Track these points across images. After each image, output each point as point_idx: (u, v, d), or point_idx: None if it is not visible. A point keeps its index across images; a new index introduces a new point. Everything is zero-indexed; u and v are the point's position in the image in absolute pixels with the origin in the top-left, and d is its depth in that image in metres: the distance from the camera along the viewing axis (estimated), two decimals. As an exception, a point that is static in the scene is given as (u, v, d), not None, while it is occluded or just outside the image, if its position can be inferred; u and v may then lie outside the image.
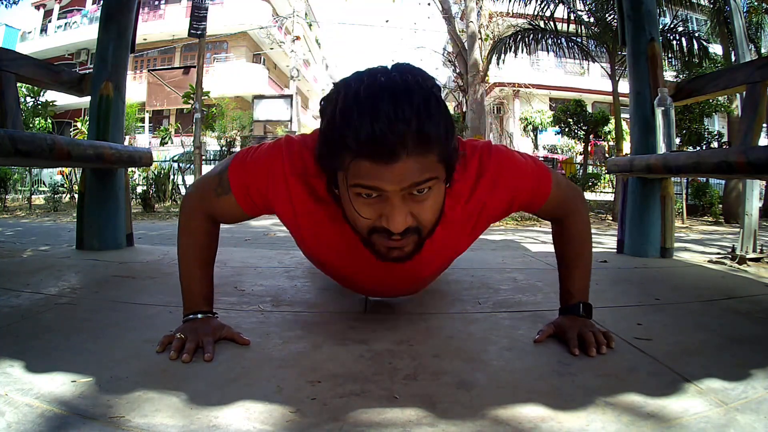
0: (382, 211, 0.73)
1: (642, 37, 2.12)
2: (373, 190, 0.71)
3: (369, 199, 0.72)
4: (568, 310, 0.98)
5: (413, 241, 0.77)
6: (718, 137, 7.87)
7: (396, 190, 0.70)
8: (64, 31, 19.01)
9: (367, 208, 0.73)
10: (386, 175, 0.68)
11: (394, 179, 0.69)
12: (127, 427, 0.61)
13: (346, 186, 0.72)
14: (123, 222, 2.12)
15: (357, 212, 0.74)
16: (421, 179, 0.70)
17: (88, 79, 2.14)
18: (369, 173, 0.69)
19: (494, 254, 2.22)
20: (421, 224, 0.76)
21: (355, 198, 0.73)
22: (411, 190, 0.71)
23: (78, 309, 1.14)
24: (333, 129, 0.70)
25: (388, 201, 0.71)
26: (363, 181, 0.70)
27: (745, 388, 0.74)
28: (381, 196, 0.71)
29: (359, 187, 0.71)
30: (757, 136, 1.77)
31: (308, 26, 21.88)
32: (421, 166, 0.69)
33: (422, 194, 0.72)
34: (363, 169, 0.69)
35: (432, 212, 0.76)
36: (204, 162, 8.68)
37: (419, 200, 0.73)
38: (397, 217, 0.72)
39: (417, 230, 0.76)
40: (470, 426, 0.63)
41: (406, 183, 0.69)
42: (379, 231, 0.75)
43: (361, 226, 0.76)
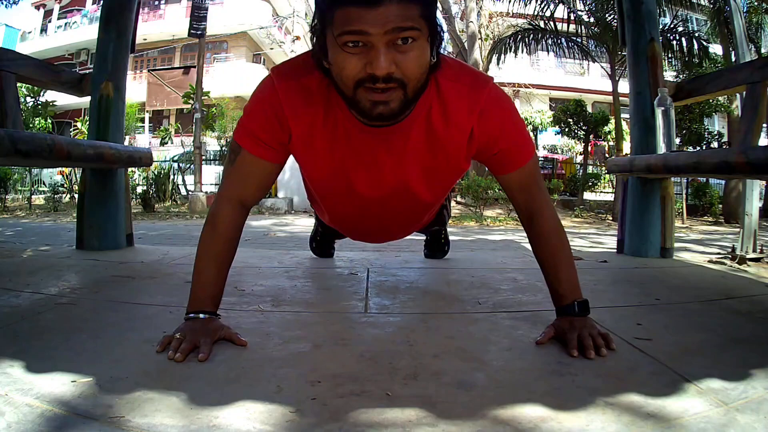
0: (366, 60, 0.76)
1: (642, 37, 2.12)
2: (358, 35, 0.74)
3: (355, 48, 0.76)
4: (563, 311, 0.97)
5: (398, 97, 0.79)
6: (718, 137, 7.88)
7: (380, 33, 0.73)
8: (64, 31, 19.00)
9: (354, 58, 0.76)
10: (370, 18, 0.73)
11: (378, 21, 0.73)
12: (127, 427, 0.61)
13: (334, 40, 0.77)
14: (123, 222, 2.12)
15: (343, 67, 0.77)
16: (404, 25, 0.74)
17: (88, 79, 2.14)
18: (354, 17, 0.73)
19: (494, 254, 2.22)
20: (405, 76, 0.78)
21: (342, 51, 0.77)
22: (394, 38, 0.75)
23: (78, 309, 1.14)
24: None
25: (373, 48, 0.75)
26: (348, 26, 0.74)
27: (745, 388, 0.74)
28: (366, 45, 0.75)
29: (345, 34, 0.75)
30: (757, 136, 1.77)
31: (308, 26, 21.87)
32: (403, 12, 0.74)
33: (406, 44, 0.76)
34: (348, 14, 0.74)
35: (416, 65, 0.78)
36: (204, 162, 8.68)
37: (403, 50, 0.76)
38: (381, 59, 0.75)
39: (401, 83, 0.78)
40: (470, 426, 0.63)
41: (389, 26, 0.73)
42: (364, 81, 0.77)
43: (347, 78, 0.78)
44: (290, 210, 7.98)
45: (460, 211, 7.69)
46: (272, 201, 7.97)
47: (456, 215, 7.12)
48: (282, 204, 7.93)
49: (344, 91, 0.82)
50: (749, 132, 1.75)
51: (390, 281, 1.50)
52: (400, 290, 1.38)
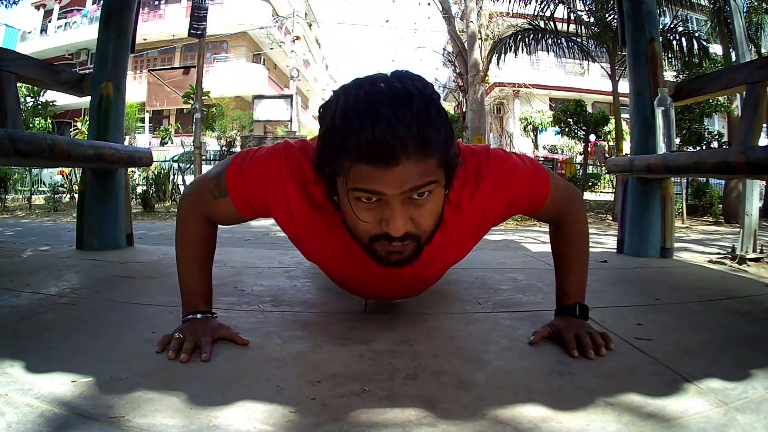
0: (382, 216, 0.73)
1: (642, 37, 2.12)
2: (373, 194, 0.71)
3: (369, 203, 0.72)
4: (563, 310, 0.98)
5: (412, 247, 0.77)
6: (718, 137, 7.88)
7: (396, 194, 0.70)
8: (64, 31, 19.00)
9: (367, 212, 0.73)
10: (386, 179, 0.69)
11: (395, 183, 0.69)
12: (127, 427, 0.61)
13: (345, 191, 0.73)
14: (123, 222, 2.12)
15: (357, 217, 0.74)
16: (422, 183, 0.70)
17: (88, 79, 2.14)
18: (369, 177, 0.69)
19: (494, 254, 2.22)
20: (420, 230, 0.76)
21: (354, 203, 0.73)
22: (411, 194, 0.71)
23: (78, 309, 1.14)
24: (333, 134, 0.70)
25: (388, 205, 0.71)
26: (363, 185, 0.70)
27: (745, 388, 0.74)
28: (381, 200, 0.71)
29: (359, 191, 0.71)
30: (757, 136, 1.77)
31: (308, 26, 21.88)
32: (421, 170, 0.70)
33: (422, 198, 0.72)
34: (363, 173, 0.69)
35: (431, 217, 0.76)
36: (204, 162, 8.68)
37: (419, 205, 0.73)
38: (398, 221, 0.71)
39: (415, 237, 0.76)
40: (470, 426, 0.63)
41: (407, 187, 0.70)
42: (379, 238, 0.75)
43: (361, 231, 0.76)
44: (290, 210, 7.95)
45: (460, 211, 7.66)
46: (272, 201, 7.94)
47: (456, 215, 7.09)
48: (282, 204, 7.90)
49: (356, 238, 0.79)
50: (749, 132, 1.75)
51: (390, 281, 1.49)
52: (400, 290, 1.38)
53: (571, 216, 1.02)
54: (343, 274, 1.03)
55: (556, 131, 10.13)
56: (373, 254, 0.79)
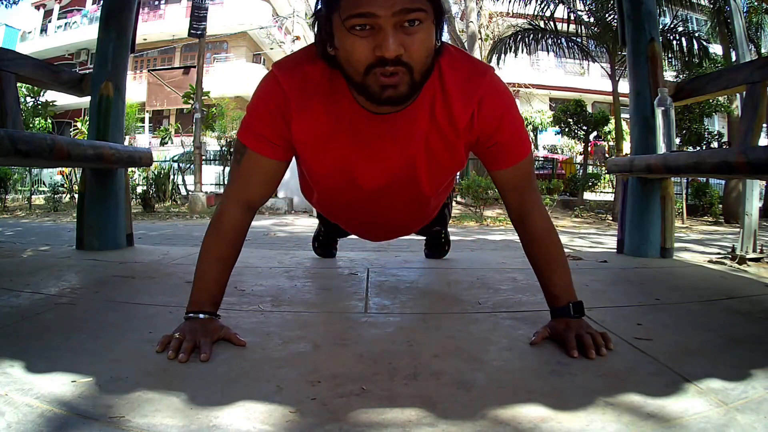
0: (375, 43, 0.77)
1: (642, 37, 2.12)
2: (366, 18, 0.75)
3: (363, 31, 0.77)
4: (558, 312, 0.97)
5: (406, 81, 0.80)
6: (718, 137, 7.88)
7: (387, 15, 0.75)
8: (64, 31, 19.00)
9: (362, 42, 0.77)
10: (377, 0, 0.74)
11: (385, 3, 0.74)
12: (127, 427, 0.61)
13: (341, 26, 0.77)
14: (123, 222, 2.12)
15: (352, 51, 0.78)
16: (412, 6, 0.75)
17: (88, 79, 2.14)
18: (361, 1, 0.74)
19: (494, 254, 2.22)
20: (412, 59, 0.79)
21: (350, 35, 0.77)
22: (402, 20, 0.76)
23: (78, 309, 1.14)
24: None
25: (381, 30, 0.76)
26: (355, 9, 0.75)
27: (745, 388, 0.74)
28: (374, 28, 0.76)
29: (353, 17, 0.76)
30: (757, 136, 1.77)
31: (308, 26, 21.88)
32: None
33: (413, 27, 0.77)
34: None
35: (422, 47, 0.79)
36: (204, 162, 8.68)
37: (410, 33, 0.77)
38: (390, 41, 0.75)
39: (408, 66, 0.79)
40: (470, 426, 0.63)
41: (397, 7, 0.75)
42: (373, 66, 0.78)
43: (356, 63, 0.79)
44: (290, 210, 7.98)
45: (460, 211, 7.69)
46: (272, 201, 7.97)
47: (456, 215, 7.12)
48: (282, 204, 7.93)
49: (352, 76, 0.82)
50: (749, 132, 1.75)
51: (390, 281, 1.50)
52: (400, 290, 1.38)
53: (535, 207, 1.01)
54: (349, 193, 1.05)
55: (556, 131, 10.14)
56: (368, 91, 0.81)
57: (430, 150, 0.98)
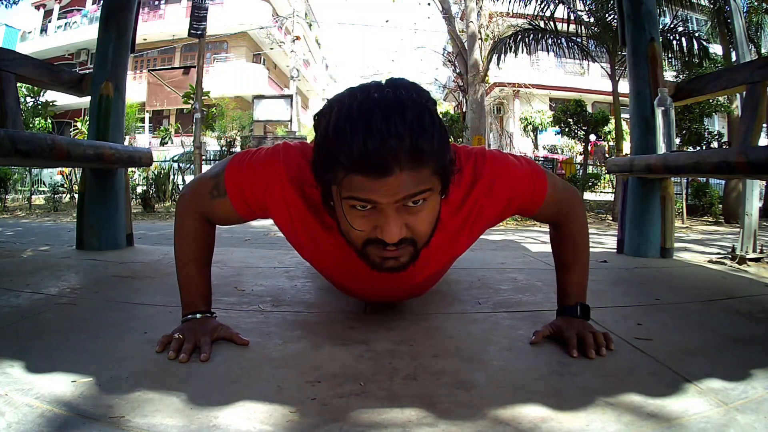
0: (376, 223, 0.73)
1: (642, 37, 2.12)
2: (366, 203, 0.71)
3: (363, 210, 0.72)
4: (565, 311, 0.98)
5: (408, 252, 0.77)
6: (718, 137, 7.88)
7: (390, 202, 0.70)
8: (64, 31, 19.00)
9: (361, 219, 0.73)
10: (379, 189, 0.69)
11: (388, 192, 0.69)
12: (127, 427, 0.61)
13: (339, 198, 0.73)
14: (123, 222, 2.12)
15: (351, 225, 0.74)
16: (415, 191, 0.70)
17: (88, 79, 2.14)
18: (362, 187, 0.69)
19: (494, 254, 2.22)
20: (416, 236, 0.75)
21: (349, 210, 0.73)
22: (405, 202, 0.71)
23: (78, 309, 1.14)
24: (326, 145, 0.70)
25: (383, 212, 0.71)
26: (356, 194, 0.70)
27: (745, 388, 0.74)
28: (375, 207, 0.71)
29: (353, 199, 0.71)
30: (757, 136, 1.77)
31: (308, 26, 21.88)
32: (415, 179, 0.69)
33: (417, 206, 0.72)
34: (356, 183, 0.69)
35: (427, 223, 0.76)
36: (204, 162, 8.67)
37: (414, 211, 0.73)
38: (392, 228, 0.71)
39: (412, 241, 0.76)
40: (470, 426, 0.63)
41: (400, 196, 0.70)
42: (373, 242, 0.75)
43: (355, 238, 0.76)
44: (290, 210, 7.95)
45: (460, 211, 7.67)
46: (272, 201, 7.95)
47: (456, 215, 7.10)
48: (282, 204, 7.90)
49: (351, 243, 0.79)
50: (749, 132, 1.75)
51: (390, 281, 1.49)
52: (400, 290, 1.38)
53: (570, 216, 1.01)
54: (340, 277, 1.03)
55: (556, 131, 10.13)
56: (367, 260, 0.78)
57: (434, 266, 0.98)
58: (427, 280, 1.07)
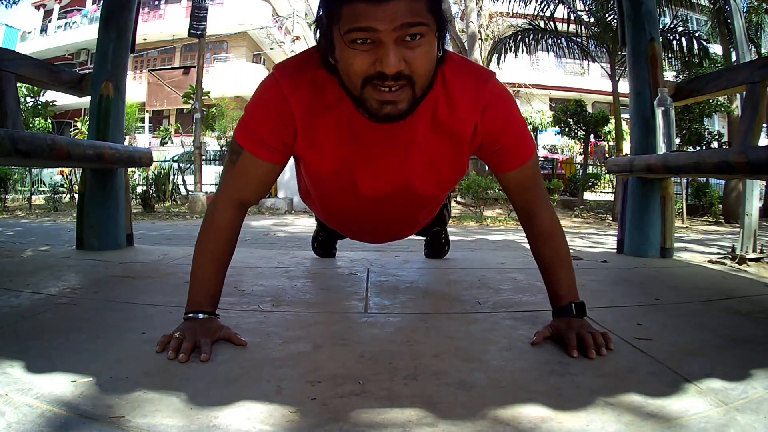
0: (375, 57, 0.75)
1: (642, 37, 2.12)
2: (366, 32, 0.73)
3: (363, 45, 0.75)
4: (560, 312, 0.97)
5: (407, 97, 0.78)
6: (718, 137, 7.88)
7: (388, 29, 0.72)
8: (64, 31, 18.99)
9: (362, 56, 0.75)
10: (378, 14, 0.71)
11: (386, 17, 0.72)
12: (127, 427, 0.61)
13: (341, 39, 0.75)
14: (123, 222, 2.12)
15: (351, 64, 0.76)
16: (413, 21, 0.73)
17: (88, 79, 2.14)
18: (361, 14, 0.72)
19: (494, 254, 2.22)
20: (414, 72, 0.77)
21: (349, 48, 0.75)
22: (403, 34, 0.73)
23: (78, 309, 1.14)
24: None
25: (382, 44, 0.74)
26: (356, 23, 0.73)
27: (745, 388, 0.74)
28: (374, 42, 0.74)
29: (353, 31, 0.73)
30: (757, 136, 1.77)
31: (308, 26, 21.89)
32: (411, 7, 0.73)
33: (415, 41, 0.75)
34: (355, 10, 0.72)
35: (424, 61, 0.77)
36: (204, 162, 8.68)
37: (412, 47, 0.75)
38: (390, 56, 0.73)
39: (410, 80, 0.77)
40: (470, 426, 0.63)
41: (398, 22, 0.72)
42: (372, 79, 0.76)
43: (355, 76, 0.77)
44: (290, 210, 7.97)
45: (460, 211, 7.69)
46: (272, 201, 7.97)
47: (456, 215, 7.12)
48: (282, 204, 7.93)
49: (351, 90, 0.81)
50: (749, 132, 1.75)
51: (390, 281, 1.50)
52: (400, 290, 1.38)
53: (543, 206, 1.01)
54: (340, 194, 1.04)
55: (556, 131, 10.14)
56: (365, 105, 0.80)
57: (431, 158, 0.98)
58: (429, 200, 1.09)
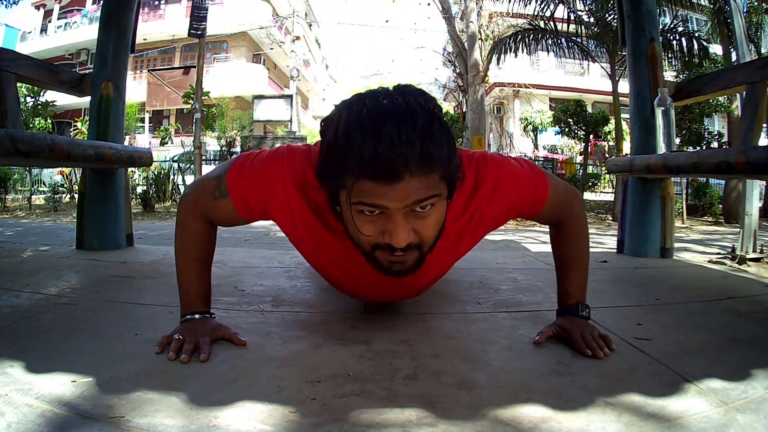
0: (384, 228, 0.73)
1: (642, 37, 2.12)
2: (376, 208, 0.71)
3: (371, 216, 0.73)
4: (566, 310, 0.98)
5: (415, 257, 0.78)
6: (718, 137, 7.88)
7: (399, 207, 0.71)
8: (64, 31, 19.00)
9: (370, 224, 0.74)
10: (389, 195, 0.69)
11: (397, 198, 0.70)
12: (127, 427, 0.61)
13: (348, 204, 0.73)
14: (123, 222, 2.12)
15: (359, 230, 0.75)
16: (424, 197, 0.71)
17: (88, 79, 2.13)
18: (372, 192, 0.70)
19: (494, 254, 2.22)
20: (423, 240, 0.76)
21: (357, 215, 0.74)
22: (414, 208, 0.72)
23: (78, 309, 1.14)
24: (335, 150, 0.70)
25: (391, 218, 0.72)
26: (366, 199, 0.71)
27: (745, 388, 0.74)
28: (383, 213, 0.72)
29: (362, 205, 0.72)
30: (757, 136, 1.77)
31: (308, 26, 21.89)
32: (424, 185, 0.70)
33: (425, 211, 0.73)
34: (366, 188, 0.70)
35: (434, 228, 0.77)
36: (204, 162, 8.67)
37: (421, 216, 0.74)
38: (400, 233, 0.72)
39: (418, 246, 0.76)
40: (470, 426, 0.63)
41: (409, 201, 0.70)
42: (381, 247, 0.76)
43: (363, 242, 0.77)
44: (290, 210, 7.95)
45: (460, 211, 7.67)
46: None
47: (456, 215, 7.10)
48: (282, 204, 7.91)
49: (359, 246, 0.80)
50: (749, 132, 1.75)
51: (390, 281, 1.49)
52: (400, 290, 1.38)
53: (570, 216, 1.02)
54: (341, 277, 1.03)
55: (556, 131, 10.13)
56: (375, 263, 0.79)
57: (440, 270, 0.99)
58: (430, 282, 1.08)
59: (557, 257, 1.04)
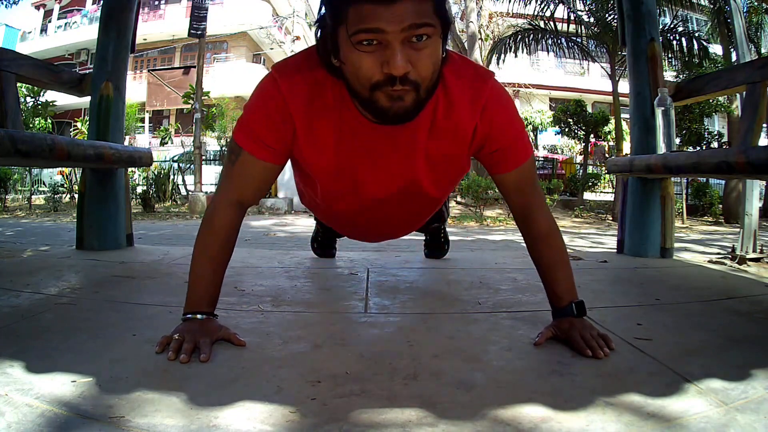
0: (383, 59, 0.75)
1: (642, 37, 2.12)
2: (373, 33, 0.74)
3: (370, 46, 0.75)
4: (561, 312, 0.97)
5: (413, 98, 0.79)
6: (718, 137, 7.88)
7: (396, 31, 0.73)
8: (64, 31, 18.99)
9: (369, 59, 0.76)
10: (386, 15, 0.72)
11: (394, 19, 0.72)
12: (127, 427, 0.61)
13: (347, 40, 0.76)
14: (123, 222, 2.12)
15: (359, 69, 0.77)
16: (420, 22, 0.74)
17: (88, 79, 2.13)
18: (369, 15, 0.73)
19: (494, 254, 2.22)
20: (420, 75, 0.77)
21: (357, 54, 0.76)
22: (410, 35, 0.74)
23: (78, 309, 1.14)
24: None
25: (389, 46, 0.74)
26: (363, 24, 0.73)
27: (745, 388, 0.74)
28: (381, 43, 0.74)
29: (360, 32, 0.74)
30: (757, 136, 1.77)
31: (308, 26, 21.89)
32: (418, 9, 0.73)
33: (421, 42, 0.75)
34: (363, 11, 0.73)
35: (430, 62, 0.78)
36: (204, 162, 8.68)
37: (418, 48, 0.76)
38: (398, 59, 0.74)
39: (415, 84, 0.78)
40: (470, 426, 0.63)
41: (405, 24, 0.73)
42: (380, 85, 0.77)
43: (363, 79, 0.78)
44: (290, 210, 7.98)
45: (460, 211, 7.69)
46: (272, 201, 7.97)
47: (456, 215, 7.12)
48: (282, 204, 7.93)
49: (359, 92, 0.81)
50: (749, 132, 1.75)
51: (390, 281, 1.50)
52: (400, 290, 1.38)
53: (540, 209, 1.01)
54: (342, 194, 1.04)
55: (556, 131, 10.14)
56: (375, 107, 0.81)
57: (433, 160, 0.98)
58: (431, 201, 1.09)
59: (538, 260, 1.02)
